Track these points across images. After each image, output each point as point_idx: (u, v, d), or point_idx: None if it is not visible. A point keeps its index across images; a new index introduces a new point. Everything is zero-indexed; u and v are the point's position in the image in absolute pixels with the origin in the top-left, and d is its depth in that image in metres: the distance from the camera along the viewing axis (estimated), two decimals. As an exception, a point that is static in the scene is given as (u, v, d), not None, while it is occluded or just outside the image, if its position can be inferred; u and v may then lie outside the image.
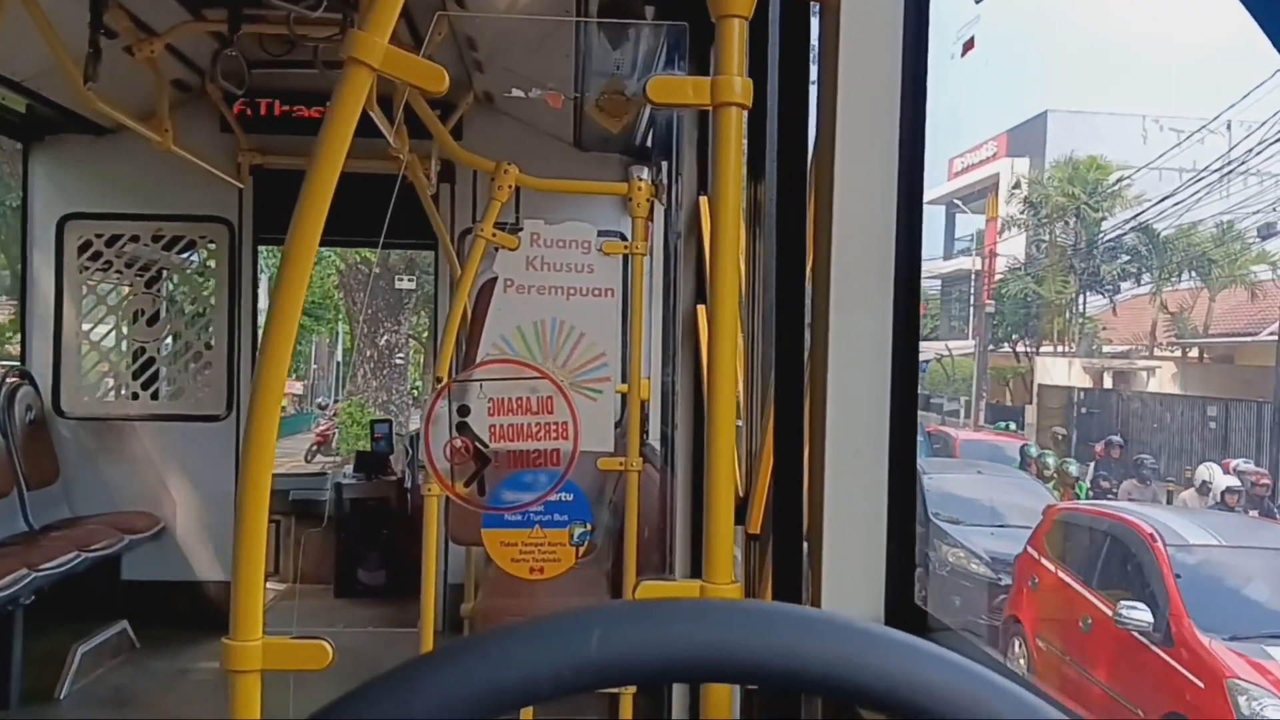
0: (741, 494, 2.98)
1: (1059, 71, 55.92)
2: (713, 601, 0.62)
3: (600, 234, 4.64)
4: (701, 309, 3.97)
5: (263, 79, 6.03)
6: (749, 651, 0.59)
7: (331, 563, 8.00)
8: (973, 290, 37.50)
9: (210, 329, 7.46)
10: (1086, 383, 30.00)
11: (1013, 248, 34.72)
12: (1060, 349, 33.25)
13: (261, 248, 7.61)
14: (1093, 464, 18.10)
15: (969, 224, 41.30)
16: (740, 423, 3.05)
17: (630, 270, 4.96)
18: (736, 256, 1.98)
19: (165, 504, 7.26)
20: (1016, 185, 34.98)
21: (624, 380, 5.28)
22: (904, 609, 1.73)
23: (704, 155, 4.10)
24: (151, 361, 7.46)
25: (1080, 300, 33.06)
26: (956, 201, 39.27)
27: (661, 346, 5.63)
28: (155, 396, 7.46)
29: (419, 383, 38.90)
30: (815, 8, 1.89)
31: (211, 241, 7.42)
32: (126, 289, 7.56)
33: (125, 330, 7.55)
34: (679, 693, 3.99)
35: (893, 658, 0.60)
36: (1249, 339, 26.66)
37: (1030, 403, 29.81)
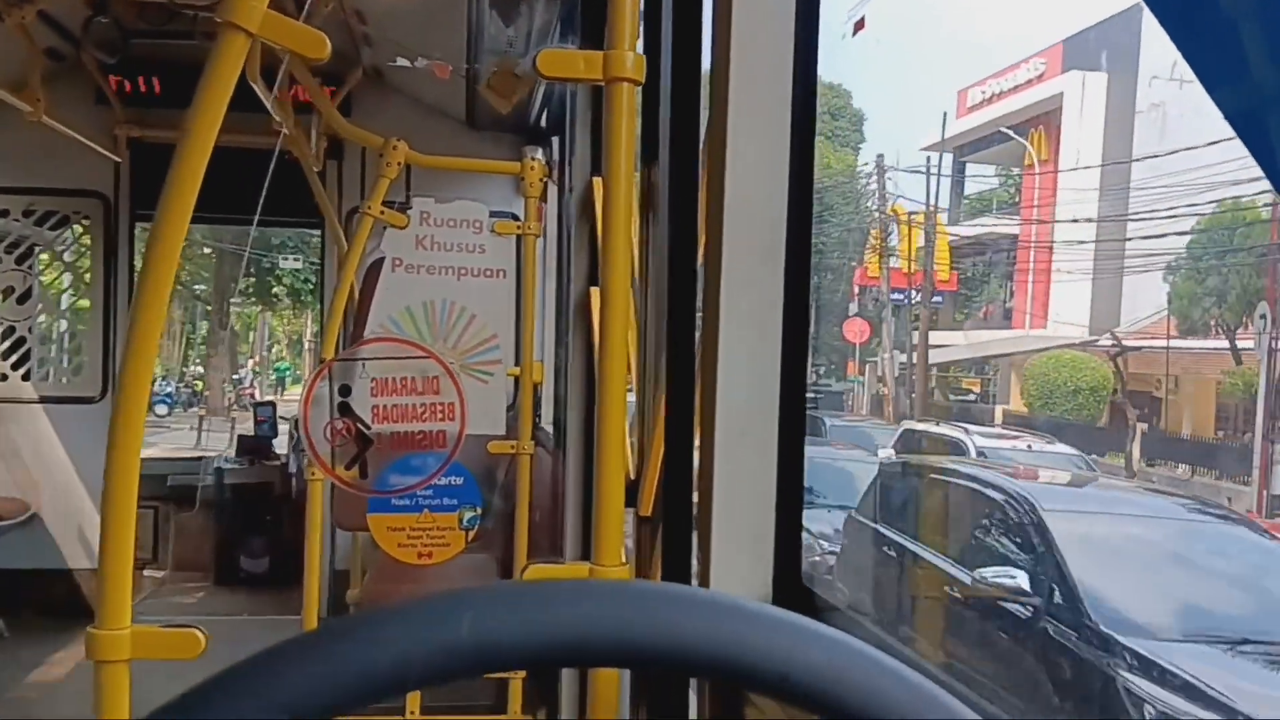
0: (633, 476, 2.97)
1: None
2: (589, 582, 0.59)
3: (493, 214, 4.58)
4: (595, 291, 3.95)
5: (142, 49, 5.81)
6: (628, 633, 0.57)
7: (211, 550, 7.78)
8: (1032, 260, 26.76)
9: (84, 308, 7.18)
10: None
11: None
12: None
13: (139, 224, 7.32)
14: None
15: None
16: (633, 405, 3.04)
17: (523, 251, 4.91)
18: (629, 237, 1.96)
19: (36, 489, 6.97)
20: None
21: (517, 363, 5.22)
22: (791, 588, 1.73)
23: (598, 134, 4.07)
24: (22, 341, 7.15)
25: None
26: (1005, 130, 28.35)
27: (555, 329, 5.58)
28: (26, 378, 7.16)
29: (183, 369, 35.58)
30: None
31: (86, 217, 7.14)
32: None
33: (-7, 308, 7.23)
34: (568, 676, 3.97)
35: (777, 637, 0.59)
36: None
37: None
